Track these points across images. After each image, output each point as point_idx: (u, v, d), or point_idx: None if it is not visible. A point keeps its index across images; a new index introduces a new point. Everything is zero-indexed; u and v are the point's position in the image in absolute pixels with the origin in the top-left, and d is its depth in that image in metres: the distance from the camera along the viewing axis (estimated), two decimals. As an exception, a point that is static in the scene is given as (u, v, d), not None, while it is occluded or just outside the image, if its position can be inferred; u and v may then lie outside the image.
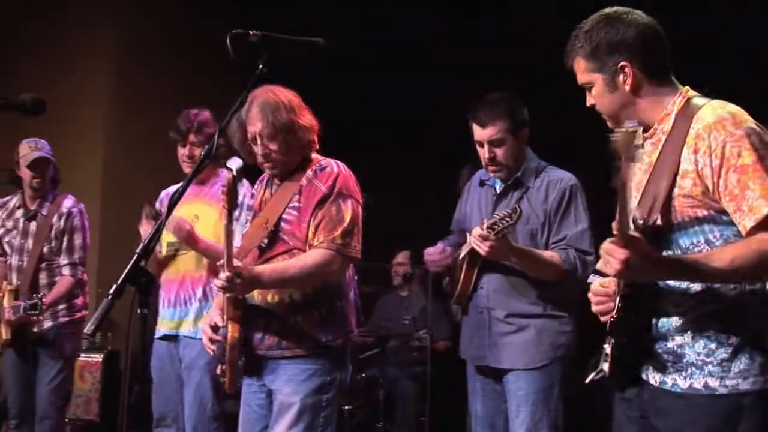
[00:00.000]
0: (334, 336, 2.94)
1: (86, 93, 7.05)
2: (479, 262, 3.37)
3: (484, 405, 3.47)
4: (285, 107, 2.92)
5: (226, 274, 2.75)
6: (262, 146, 2.94)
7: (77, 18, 7.27)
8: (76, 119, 6.83)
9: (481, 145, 3.39)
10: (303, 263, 2.85)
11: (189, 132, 3.95)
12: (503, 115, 3.33)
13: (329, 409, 2.94)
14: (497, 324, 3.38)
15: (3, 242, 4.69)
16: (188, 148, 3.96)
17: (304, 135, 2.95)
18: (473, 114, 3.39)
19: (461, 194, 3.73)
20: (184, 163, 4.00)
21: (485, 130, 3.35)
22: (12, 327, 4.47)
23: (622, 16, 2.20)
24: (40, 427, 4.56)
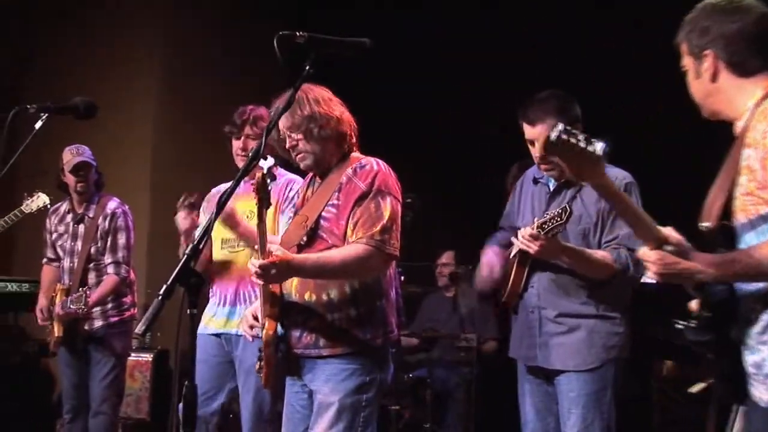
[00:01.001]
0: (373, 335, 2.92)
1: (134, 95, 7.15)
2: (529, 261, 3.32)
3: (534, 406, 3.43)
4: (308, 100, 2.92)
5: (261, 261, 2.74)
6: (290, 139, 2.96)
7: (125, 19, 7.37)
8: (125, 121, 6.92)
9: (532, 144, 3.33)
10: (343, 256, 2.83)
11: (244, 124, 3.94)
12: (553, 113, 3.25)
13: (369, 409, 2.92)
14: (548, 324, 3.34)
15: (56, 246, 4.84)
16: (243, 141, 3.94)
17: (330, 125, 2.94)
18: (522, 112, 3.33)
19: (512, 189, 3.68)
20: (237, 156, 3.99)
21: (535, 128, 3.28)
22: (63, 324, 4.60)
23: (729, 4, 2.18)
24: (93, 423, 4.66)
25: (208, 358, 3.89)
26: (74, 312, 4.48)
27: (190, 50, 7.26)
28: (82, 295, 4.45)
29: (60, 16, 7.77)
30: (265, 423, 3.90)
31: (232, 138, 4.01)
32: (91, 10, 7.53)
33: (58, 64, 7.65)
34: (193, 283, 2.36)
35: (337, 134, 2.97)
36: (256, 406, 3.87)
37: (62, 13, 7.73)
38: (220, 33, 7.39)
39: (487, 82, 6.25)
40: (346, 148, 3.02)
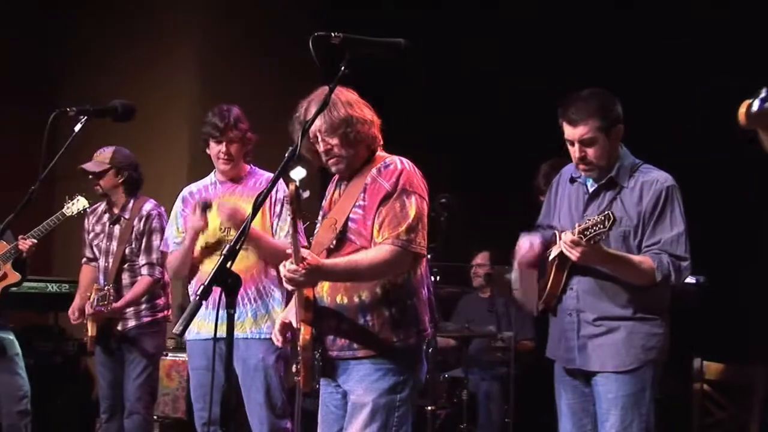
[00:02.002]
0: (406, 335, 2.91)
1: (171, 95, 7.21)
2: (569, 264, 3.28)
3: (570, 407, 3.40)
4: (342, 103, 2.91)
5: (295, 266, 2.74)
6: (324, 142, 2.94)
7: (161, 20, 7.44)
8: (162, 122, 6.98)
9: (572, 144, 3.28)
10: (371, 259, 2.83)
11: (227, 128, 4.02)
12: (595, 113, 3.20)
13: (403, 408, 2.91)
14: (586, 326, 3.30)
15: (93, 246, 4.89)
16: (226, 145, 4.02)
17: (363, 128, 2.93)
18: (563, 111, 3.27)
19: (547, 189, 3.65)
20: (219, 160, 4.07)
21: (576, 128, 3.22)
22: (96, 323, 4.66)
23: None
24: (128, 422, 4.71)
25: (208, 364, 3.97)
26: (100, 311, 4.56)
27: (226, 50, 7.31)
28: (106, 294, 4.55)
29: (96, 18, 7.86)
30: (279, 418, 3.95)
31: (209, 140, 4.07)
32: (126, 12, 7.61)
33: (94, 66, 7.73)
34: (230, 284, 2.39)
35: (370, 138, 2.97)
36: (269, 402, 3.92)
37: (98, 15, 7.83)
38: (256, 32, 7.42)
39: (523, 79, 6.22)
40: (372, 149, 3.01)
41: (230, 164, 4.08)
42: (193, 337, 4.02)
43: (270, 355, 3.97)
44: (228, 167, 4.08)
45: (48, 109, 3.33)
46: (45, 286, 6.60)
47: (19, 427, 5.03)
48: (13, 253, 4.91)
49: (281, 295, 4.04)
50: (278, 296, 4.04)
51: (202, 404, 4.04)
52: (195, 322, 3.81)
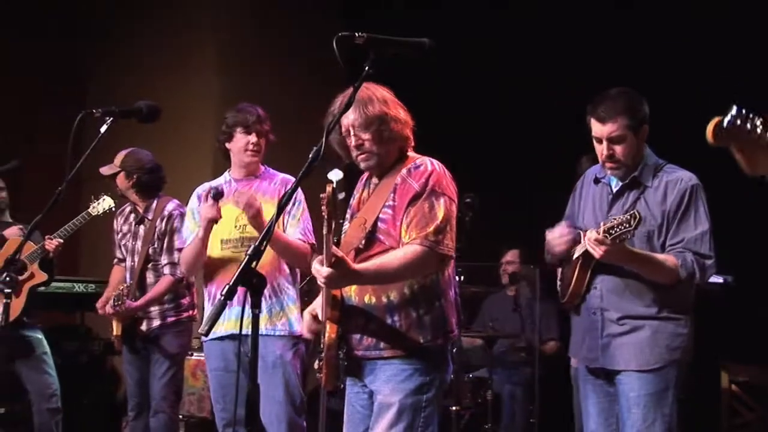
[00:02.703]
0: (433, 336, 2.91)
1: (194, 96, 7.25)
2: (593, 263, 3.27)
3: (595, 407, 3.39)
4: (378, 100, 2.92)
5: (326, 269, 2.74)
6: (356, 137, 2.94)
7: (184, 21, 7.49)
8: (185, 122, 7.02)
9: (599, 142, 3.27)
10: (399, 261, 2.82)
11: (259, 120, 4.06)
12: (624, 111, 3.21)
13: (429, 409, 2.91)
14: (610, 325, 3.29)
15: (121, 246, 4.94)
16: (255, 136, 4.04)
17: (396, 127, 2.93)
18: (592, 109, 3.27)
19: (573, 190, 3.64)
20: (248, 152, 4.06)
21: (605, 126, 3.23)
22: (120, 323, 4.72)
23: None
24: (154, 421, 4.75)
25: (228, 365, 3.98)
26: (116, 311, 4.61)
27: (249, 51, 7.34)
28: (120, 294, 4.61)
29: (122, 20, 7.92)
30: (297, 415, 3.97)
31: (235, 132, 4.06)
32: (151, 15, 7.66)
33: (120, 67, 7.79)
34: (255, 284, 2.39)
35: (402, 138, 2.97)
36: (289, 398, 3.93)
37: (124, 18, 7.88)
38: (279, 33, 7.44)
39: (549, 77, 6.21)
40: (403, 149, 3.01)
41: (257, 157, 4.09)
42: (209, 338, 4.00)
43: (287, 351, 3.98)
44: (255, 159, 4.08)
45: (75, 110, 3.36)
46: (72, 286, 6.65)
47: (50, 425, 5.08)
48: (40, 253, 4.96)
49: (295, 293, 4.07)
50: (292, 293, 4.06)
51: (222, 405, 4.05)
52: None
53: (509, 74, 6.43)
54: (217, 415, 4.11)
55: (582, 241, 3.25)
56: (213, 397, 4.16)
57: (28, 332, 5.11)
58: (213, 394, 4.14)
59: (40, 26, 7.69)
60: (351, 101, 2.69)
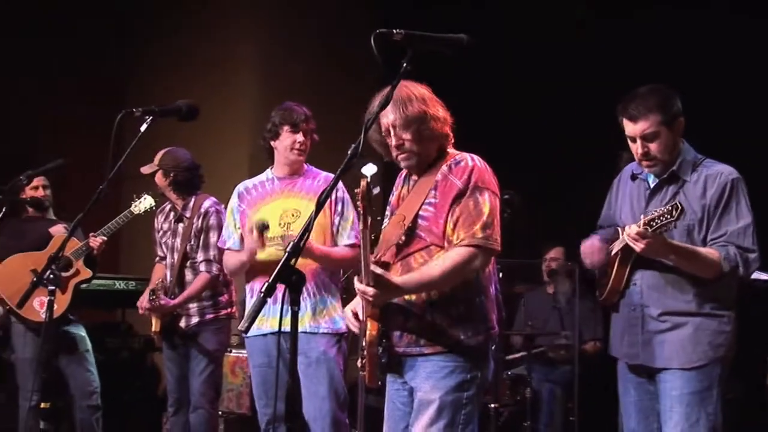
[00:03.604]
0: (474, 333, 2.90)
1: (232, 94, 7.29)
2: (632, 258, 3.24)
3: (635, 405, 3.35)
4: (417, 98, 2.91)
5: (369, 288, 2.75)
6: (396, 137, 2.94)
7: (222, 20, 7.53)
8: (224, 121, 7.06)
9: (633, 141, 3.25)
10: (444, 266, 2.82)
11: (307, 119, 4.09)
12: (655, 108, 3.17)
13: (470, 406, 2.90)
14: (651, 322, 3.25)
15: (162, 244, 4.99)
16: (302, 134, 4.06)
17: (436, 126, 2.93)
18: (623, 108, 3.24)
19: (609, 188, 3.61)
20: (294, 150, 4.07)
21: (637, 124, 3.20)
22: (159, 319, 4.79)
23: None
24: (193, 417, 4.80)
25: (271, 361, 4.01)
26: (151, 305, 4.69)
27: (287, 50, 7.36)
28: (155, 288, 4.70)
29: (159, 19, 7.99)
30: (341, 410, 3.99)
31: (281, 131, 4.07)
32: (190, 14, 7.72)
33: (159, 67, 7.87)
34: (294, 281, 2.40)
35: (442, 135, 2.97)
36: (333, 394, 3.96)
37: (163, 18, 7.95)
38: (317, 32, 7.46)
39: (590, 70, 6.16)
40: (443, 146, 3.00)
41: (303, 156, 4.11)
42: (252, 334, 4.03)
43: (331, 348, 4.01)
44: (301, 158, 4.11)
45: (114, 109, 3.40)
46: (112, 283, 6.73)
47: (90, 422, 5.15)
48: (84, 250, 5.04)
49: (338, 291, 4.10)
50: (335, 291, 4.09)
51: (265, 401, 4.07)
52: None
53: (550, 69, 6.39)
54: (260, 411, 4.13)
55: (621, 237, 3.22)
56: (255, 393, 4.18)
57: (72, 329, 5.19)
58: (255, 390, 4.17)
59: (80, 26, 7.79)
60: (389, 99, 2.68)
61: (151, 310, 4.75)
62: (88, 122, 7.29)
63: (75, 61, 7.73)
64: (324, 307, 4.01)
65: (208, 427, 4.81)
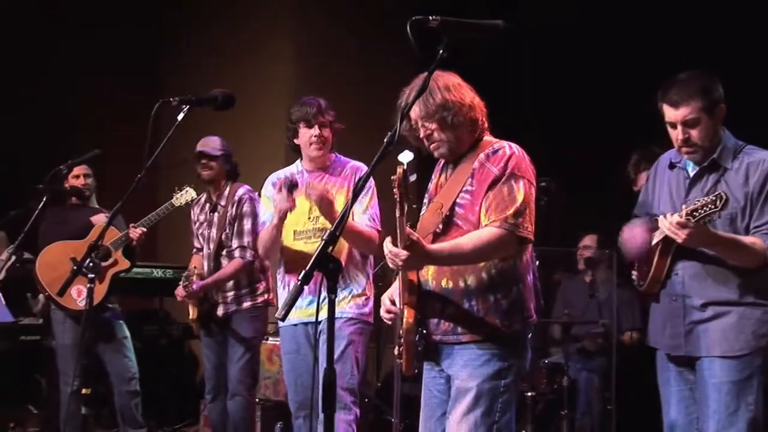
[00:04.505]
0: (512, 321, 2.88)
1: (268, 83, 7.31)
2: (673, 248, 3.19)
3: (676, 395, 3.30)
4: (439, 88, 2.89)
5: (402, 251, 2.72)
6: (423, 128, 2.94)
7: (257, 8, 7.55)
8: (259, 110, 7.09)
9: (674, 127, 3.19)
10: (475, 241, 2.80)
11: (319, 113, 4.06)
12: (696, 94, 3.12)
13: (507, 394, 2.89)
14: (693, 312, 3.20)
15: (199, 235, 5.04)
16: (318, 128, 4.05)
17: (462, 112, 2.91)
18: (663, 94, 3.18)
19: (647, 176, 3.55)
20: (312, 145, 4.07)
21: (678, 110, 3.14)
22: (196, 307, 4.85)
23: None
24: (231, 404, 4.84)
25: (299, 348, 4.04)
26: (186, 291, 4.75)
27: (322, 39, 7.37)
28: (188, 274, 4.76)
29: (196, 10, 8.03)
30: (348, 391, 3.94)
31: (300, 127, 4.08)
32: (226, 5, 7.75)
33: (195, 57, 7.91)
34: (331, 269, 2.40)
35: (470, 120, 2.94)
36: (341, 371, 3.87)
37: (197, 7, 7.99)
38: (351, 22, 7.45)
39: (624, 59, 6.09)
40: (478, 134, 2.98)
41: (323, 150, 4.10)
42: (284, 323, 4.05)
43: (348, 328, 4.00)
44: (320, 153, 4.10)
45: (151, 99, 3.42)
46: (150, 271, 6.80)
47: (129, 407, 5.22)
48: (123, 241, 5.09)
49: (365, 279, 4.09)
50: (362, 280, 4.08)
51: (294, 388, 4.09)
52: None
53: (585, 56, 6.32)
54: (290, 398, 4.15)
55: (660, 227, 3.17)
56: (286, 381, 4.20)
57: (110, 317, 5.25)
58: (286, 377, 4.19)
59: (118, 16, 7.85)
60: (425, 86, 2.67)
61: (187, 297, 4.79)
62: (126, 112, 7.35)
63: (112, 52, 7.80)
64: (348, 295, 4.02)
65: (245, 414, 4.85)
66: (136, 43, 8.08)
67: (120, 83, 7.85)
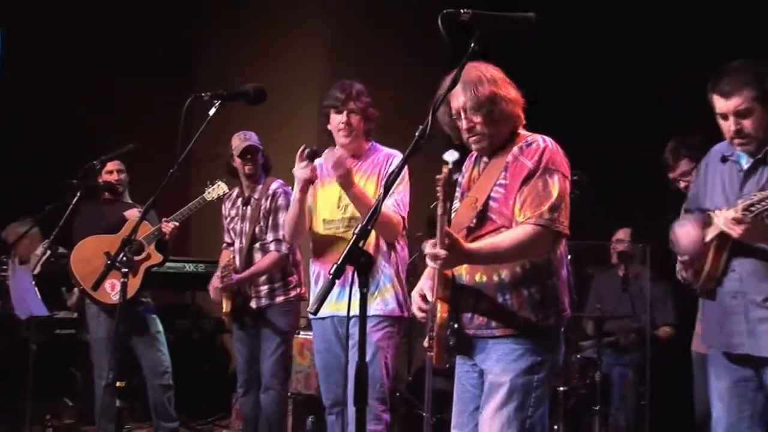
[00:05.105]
0: (546, 315, 2.87)
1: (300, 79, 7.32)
2: (729, 244, 3.09)
3: (729, 393, 3.18)
4: (487, 80, 2.87)
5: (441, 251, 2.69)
6: (467, 120, 2.91)
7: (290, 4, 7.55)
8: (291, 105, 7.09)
9: (725, 118, 3.09)
10: (512, 239, 2.79)
11: (349, 98, 3.93)
12: (749, 83, 3.01)
13: (541, 389, 2.87)
14: (754, 309, 3.07)
15: (230, 230, 5.05)
16: (346, 115, 3.92)
17: (507, 107, 2.89)
18: (714, 84, 3.09)
19: (696, 171, 3.45)
20: (340, 132, 3.95)
21: (729, 100, 3.04)
22: (230, 300, 4.85)
23: None
24: (264, 397, 4.85)
25: (329, 346, 3.96)
26: (223, 283, 4.75)
27: (353, 33, 7.36)
28: (227, 265, 4.77)
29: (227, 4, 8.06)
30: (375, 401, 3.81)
31: (330, 113, 3.97)
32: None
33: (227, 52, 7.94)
34: (363, 263, 2.39)
35: (512, 116, 2.93)
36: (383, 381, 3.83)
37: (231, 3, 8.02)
38: (382, 15, 7.44)
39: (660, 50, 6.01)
40: (514, 127, 2.97)
41: (350, 137, 3.96)
42: (315, 317, 3.95)
43: (378, 332, 3.87)
44: (348, 140, 3.97)
45: (183, 94, 3.44)
46: (182, 266, 6.86)
47: (162, 400, 5.27)
48: (156, 235, 5.13)
49: (392, 271, 3.94)
50: (389, 272, 3.93)
51: (326, 385, 4.04)
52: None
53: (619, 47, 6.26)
54: (323, 395, 4.11)
55: (714, 222, 3.10)
56: (319, 377, 4.17)
57: (143, 311, 5.29)
58: (319, 374, 4.16)
59: (150, 11, 7.91)
60: (457, 80, 2.66)
61: (223, 289, 4.81)
62: (158, 107, 7.40)
63: (144, 47, 7.86)
64: (375, 289, 3.88)
65: (278, 408, 4.87)
66: (169, 39, 8.13)
67: (152, 79, 7.90)
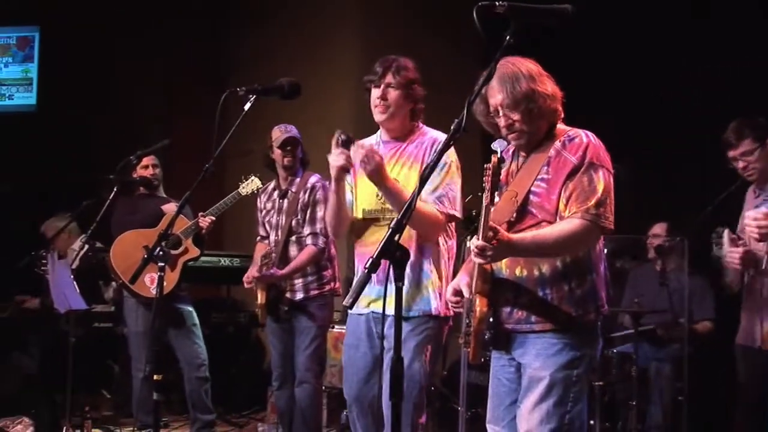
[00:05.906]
0: (585, 310, 2.85)
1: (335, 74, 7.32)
2: None
3: None
4: (524, 76, 2.85)
5: (486, 244, 2.67)
6: (505, 117, 2.89)
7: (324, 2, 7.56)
8: (326, 100, 7.11)
9: None
10: (559, 232, 2.77)
11: (387, 71, 3.60)
12: None
13: (579, 384, 2.86)
14: None
15: (265, 223, 5.07)
16: (382, 89, 3.60)
17: (545, 103, 2.87)
18: None
19: None
20: (376, 108, 3.63)
21: None
22: (265, 291, 4.87)
23: None
24: (299, 391, 4.87)
25: (359, 344, 3.71)
26: (265, 275, 4.77)
27: (388, 29, 7.33)
28: (268, 253, 4.80)
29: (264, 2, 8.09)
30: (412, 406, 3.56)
31: (370, 88, 3.66)
32: None
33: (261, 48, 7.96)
34: (398, 257, 2.39)
35: (552, 111, 2.91)
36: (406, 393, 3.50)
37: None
38: (422, 11, 7.41)
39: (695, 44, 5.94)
40: (553, 121, 2.94)
41: (386, 113, 3.62)
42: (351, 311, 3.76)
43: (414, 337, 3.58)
44: (383, 117, 3.63)
45: (219, 90, 3.46)
46: (218, 260, 6.90)
47: (199, 393, 5.31)
48: (193, 229, 5.18)
49: (431, 269, 3.61)
50: (427, 269, 3.60)
51: (348, 382, 3.80)
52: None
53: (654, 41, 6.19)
54: (345, 390, 3.85)
55: None
56: (344, 371, 3.90)
57: (180, 305, 5.34)
58: (344, 368, 3.89)
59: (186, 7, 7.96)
60: (492, 74, 2.64)
61: (260, 279, 4.82)
62: (193, 103, 7.46)
63: (180, 42, 7.91)
64: (417, 288, 3.58)
65: (313, 402, 4.89)
66: (204, 35, 8.18)
67: (188, 75, 7.95)
